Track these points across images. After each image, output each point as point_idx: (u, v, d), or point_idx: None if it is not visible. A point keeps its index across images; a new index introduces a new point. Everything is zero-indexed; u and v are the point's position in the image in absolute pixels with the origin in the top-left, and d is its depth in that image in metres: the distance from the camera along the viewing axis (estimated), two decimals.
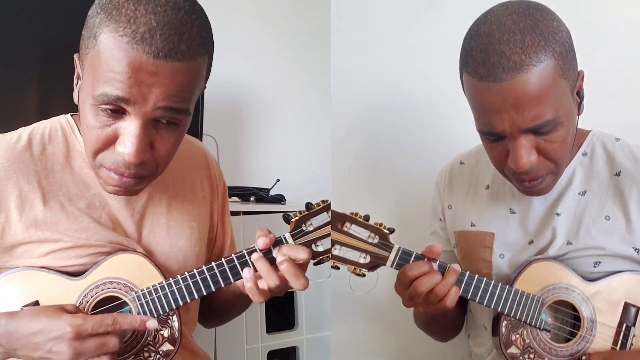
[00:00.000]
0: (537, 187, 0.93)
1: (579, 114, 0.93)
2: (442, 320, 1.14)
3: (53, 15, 1.53)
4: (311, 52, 2.20)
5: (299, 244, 0.90)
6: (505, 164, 0.92)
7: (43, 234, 0.87)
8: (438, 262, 0.93)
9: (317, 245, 0.92)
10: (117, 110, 0.78)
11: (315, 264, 0.93)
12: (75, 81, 0.85)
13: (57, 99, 1.56)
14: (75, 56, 0.84)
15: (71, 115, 0.95)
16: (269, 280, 0.87)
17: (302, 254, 0.87)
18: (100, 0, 0.78)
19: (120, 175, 0.83)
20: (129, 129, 0.79)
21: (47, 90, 1.54)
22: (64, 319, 0.80)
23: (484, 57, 0.83)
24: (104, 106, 0.78)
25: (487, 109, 0.86)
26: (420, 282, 0.90)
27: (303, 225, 0.91)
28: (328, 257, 0.93)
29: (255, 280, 0.88)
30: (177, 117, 0.81)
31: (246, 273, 0.88)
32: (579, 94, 0.92)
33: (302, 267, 0.88)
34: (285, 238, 0.91)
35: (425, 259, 0.93)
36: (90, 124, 0.80)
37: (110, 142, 0.81)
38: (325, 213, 0.92)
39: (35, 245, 0.87)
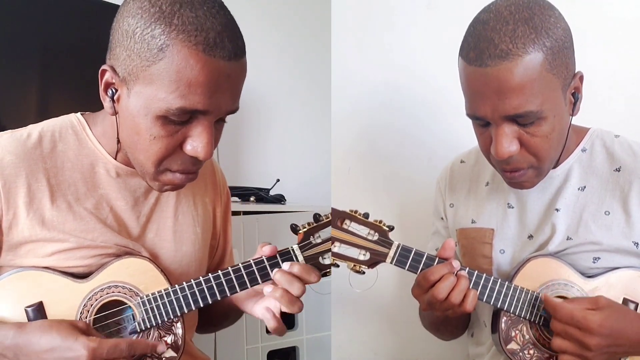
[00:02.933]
0: (518, 179, 0.94)
1: (573, 115, 0.94)
2: (454, 322, 1.15)
3: (53, 15, 1.54)
4: (311, 53, 2.21)
5: (307, 256, 0.91)
6: (490, 152, 0.93)
7: (49, 232, 0.86)
8: (458, 262, 0.94)
9: (324, 258, 0.92)
10: (188, 118, 0.80)
11: (321, 276, 0.92)
12: (108, 92, 0.83)
13: (57, 98, 1.56)
14: (107, 67, 0.82)
15: (81, 114, 0.95)
16: (293, 289, 0.88)
17: (313, 277, 0.89)
18: (143, 11, 0.76)
19: (187, 174, 0.85)
20: (199, 129, 0.80)
21: (47, 90, 1.55)
22: (80, 341, 0.78)
23: (475, 42, 0.86)
24: (176, 117, 0.79)
25: (473, 93, 0.89)
26: (439, 289, 0.90)
27: (311, 237, 0.91)
28: (334, 263, 0.93)
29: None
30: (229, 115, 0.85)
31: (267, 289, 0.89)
32: (575, 95, 0.93)
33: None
34: (293, 250, 0.91)
35: (437, 260, 0.94)
36: (156, 134, 0.80)
37: (177, 146, 0.82)
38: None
39: (40, 244, 0.87)
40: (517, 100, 0.85)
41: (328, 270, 0.92)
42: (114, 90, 0.82)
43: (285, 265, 0.88)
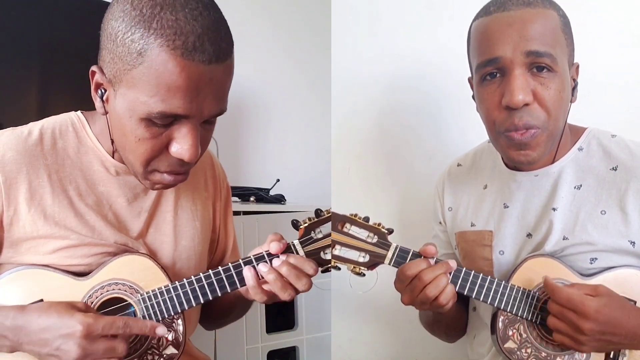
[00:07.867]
0: (528, 140, 0.92)
1: (572, 101, 0.97)
2: (444, 320, 1.15)
3: (53, 15, 1.54)
4: (311, 52, 2.21)
5: (308, 251, 0.91)
6: (498, 112, 0.93)
7: (50, 229, 0.87)
8: (435, 259, 0.94)
9: (326, 253, 0.93)
10: (172, 121, 0.80)
11: (322, 272, 0.93)
12: (98, 92, 0.84)
13: (57, 98, 1.57)
14: (96, 68, 0.83)
15: (81, 112, 0.95)
16: (274, 288, 0.88)
17: (309, 269, 0.88)
18: (125, 14, 0.76)
19: (175, 174, 0.85)
20: (183, 131, 0.80)
21: (47, 89, 1.55)
22: (75, 317, 0.80)
23: (496, 0, 0.94)
24: (158, 121, 0.79)
25: (492, 36, 0.92)
26: (413, 285, 0.91)
27: (312, 232, 0.92)
28: (335, 265, 0.94)
29: (258, 281, 0.88)
30: (217, 117, 0.84)
31: (247, 272, 0.88)
32: (574, 80, 0.97)
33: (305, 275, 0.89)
34: (294, 245, 0.92)
35: (422, 257, 0.94)
36: (141, 136, 0.80)
37: (164, 147, 0.82)
38: None
39: (42, 241, 0.87)
40: (539, 40, 0.89)
41: (329, 265, 0.93)
42: (103, 91, 0.83)
43: (282, 256, 0.88)
